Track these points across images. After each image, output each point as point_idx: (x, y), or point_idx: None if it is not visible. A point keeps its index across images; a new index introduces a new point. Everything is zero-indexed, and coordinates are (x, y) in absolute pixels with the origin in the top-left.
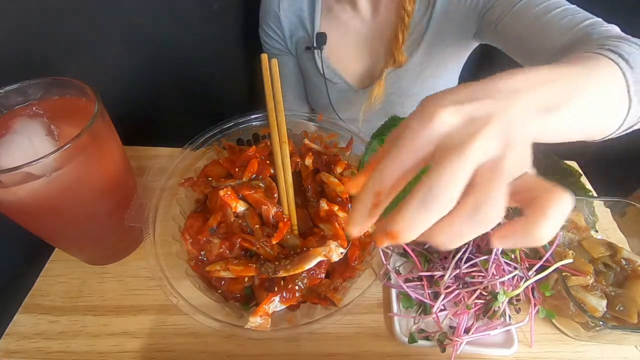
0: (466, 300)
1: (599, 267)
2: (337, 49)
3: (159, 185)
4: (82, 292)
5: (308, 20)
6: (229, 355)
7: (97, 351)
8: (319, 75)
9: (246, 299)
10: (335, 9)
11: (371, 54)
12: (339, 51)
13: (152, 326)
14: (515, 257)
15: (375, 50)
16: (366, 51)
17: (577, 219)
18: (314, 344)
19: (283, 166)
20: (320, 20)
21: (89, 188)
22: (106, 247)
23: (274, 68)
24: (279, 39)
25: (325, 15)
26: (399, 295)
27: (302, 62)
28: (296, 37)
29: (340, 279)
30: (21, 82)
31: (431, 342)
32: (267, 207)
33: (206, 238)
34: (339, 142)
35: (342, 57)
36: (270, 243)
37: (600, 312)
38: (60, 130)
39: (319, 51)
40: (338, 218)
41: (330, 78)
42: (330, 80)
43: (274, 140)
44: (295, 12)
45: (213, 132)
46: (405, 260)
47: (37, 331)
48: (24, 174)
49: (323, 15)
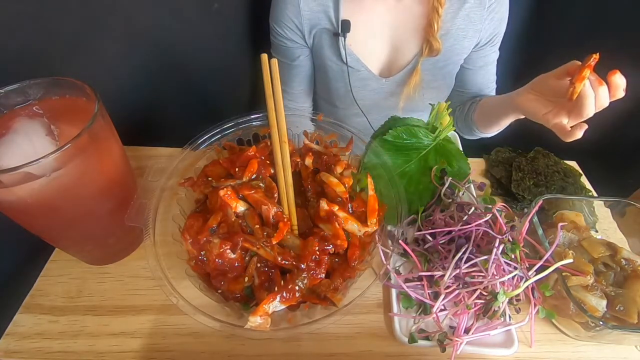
0: (466, 300)
1: (599, 267)
2: (361, 37)
3: (159, 185)
4: (82, 292)
5: (332, 7)
6: (229, 355)
7: (97, 351)
8: (339, 63)
9: (246, 299)
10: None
11: (394, 42)
12: (363, 39)
13: (152, 326)
14: (515, 257)
15: (399, 38)
16: (390, 41)
17: (577, 219)
18: (314, 344)
19: (283, 166)
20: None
21: (89, 188)
22: (106, 247)
23: (274, 68)
24: (297, 30)
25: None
26: (399, 295)
27: (321, 51)
28: (318, 27)
29: (340, 279)
30: (21, 82)
31: (431, 342)
32: (267, 207)
33: (206, 238)
34: (339, 142)
35: (365, 45)
36: (270, 243)
37: (600, 312)
38: (60, 130)
39: (342, 39)
40: (338, 218)
41: (352, 65)
42: (352, 68)
43: (274, 140)
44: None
45: (213, 132)
46: (405, 260)
47: (37, 331)
48: (24, 174)
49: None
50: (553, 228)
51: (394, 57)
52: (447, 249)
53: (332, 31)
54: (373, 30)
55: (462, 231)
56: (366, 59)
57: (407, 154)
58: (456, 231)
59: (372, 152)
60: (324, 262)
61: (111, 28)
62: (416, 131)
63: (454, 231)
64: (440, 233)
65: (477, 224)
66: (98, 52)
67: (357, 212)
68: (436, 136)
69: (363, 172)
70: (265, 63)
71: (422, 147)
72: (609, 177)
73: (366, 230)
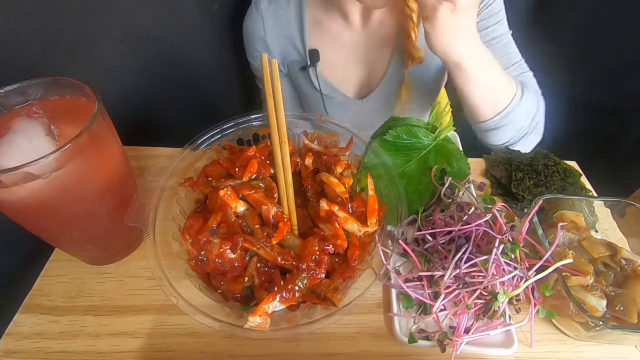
0: (466, 300)
1: (599, 267)
2: (332, 63)
3: (159, 185)
4: (82, 292)
5: (298, 38)
6: (229, 355)
7: (97, 351)
8: (315, 92)
9: (246, 299)
10: (325, 21)
11: (367, 61)
12: (333, 65)
13: (152, 326)
14: (515, 257)
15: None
16: (361, 61)
17: (577, 219)
18: (314, 344)
19: (283, 166)
20: (310, 36)
21: (88, 188)
22: (106, 247)
23: (274, 67)
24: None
25: (315, 29)
26: (399, 295)
27: (296, 81)
28: (288, 59)
29: (340, 279)
30: (21, 82)
31: (431, 342)
32: (267, 207)
33: (206, 238)
34: (339, 142)
35: (337, 71)
36: (270, 243)
37: (600, 312)
38: (60, 130)
39: (313, 68)
40: (338, 218)
41: (327, 93)
42: (327, 95)
43: (274, 140)
44: (282, 33)
45: (213, 132)
46: (405, 260)
47: (37, 331)
48: (24, 174)
49: (312, 29)
50: (553, 228)
51: (369, 76)
52: (447, 249)
53: (302, 62)
54: (343, 55)
55: (462, 231)
56: (340, 84)
57: (407, 154)
58: (456, 231)
59: (372, 152)
60: (324, 262)
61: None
62: (416, 131)
63: (454, 231)
64: (440, 233)
65: (477, 224)
66: (98, 52)
67: (357, 212)
68: (436, 136)
69: (363, 172)
70: (265, 63)
71: (422, 147)
72: (609, 177)
73: (366, 230)
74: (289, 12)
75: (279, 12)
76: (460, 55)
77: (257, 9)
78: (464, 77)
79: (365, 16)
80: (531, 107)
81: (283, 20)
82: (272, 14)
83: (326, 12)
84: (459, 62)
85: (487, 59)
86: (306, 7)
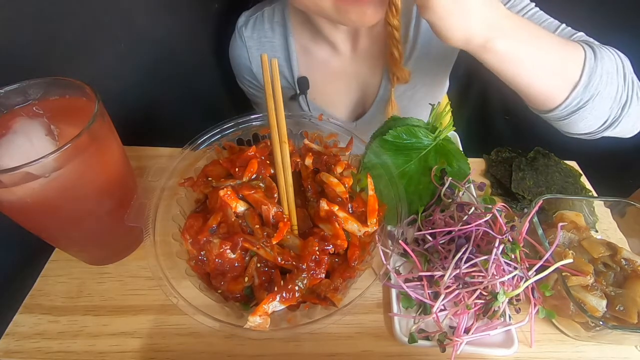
0: (466, 300)
1: (599, 267)
2: (322, 89)
3: (159, 185)
4: (82, 292)
5: (285, 67)
6: (229, 355)
7: (97, 351)
8: None
9: (246, 299)
10: (312, 49)
11: (358, 86)
12: (324, 90)
13: (152, 326)
14: (515, 257)
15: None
16: (352, 85)
17: (577, 219)
18: (314, 344)
19: (283, 166)
20: (298, 64)
21: (88, 188)
22: (106, 247)
23: (274, 68)
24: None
25: (302, 57)
26: (399, 295)
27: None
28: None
29: (340, 279)
30: (21, 82)
31: (431, 342)
32: (267, 207)
33: (206, 238)
34: (339, 142)
35: (328, 96)
36: (270, 243)
37: (600, 312)
38: (60, 130)
39: (303, 96)
40: (338, 218)
41: None
42: None
43: (274, 140)
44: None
45: (213, 132)
46: (405, 260)
47: (37, 331)
48: (24, 174)
49: (300, 57)
50: (553, 228)
51: (361, 100)
52: (447, 249)
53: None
54: (334, 81)
55: (462, 231)
56: (332, 109)
57: (407, 154)
58: (456, 231)
59: (372, 152)
60: (324, 262)
61: (111, 28)
62: (416, 131)
63: (454, 231)
64: (440, 233)
65: (477, 224)
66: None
67: (357, 212)
68: (436, 136)
69: (363, 172)
70: (266, 63)
71: (422, 147)
72: (609, 177)
73: (366, 230)
74: (274, 40)
75: (262, 39)
76: (481, 34)
77: (240, 38)
78: (502, 61)
79: (353, 42)
80: (612, 62)
81: (268, 48)
82: (256, 42)
83: (313, 40)
84: (483, 44)
85: (522, 27)
86: (292, 34)
